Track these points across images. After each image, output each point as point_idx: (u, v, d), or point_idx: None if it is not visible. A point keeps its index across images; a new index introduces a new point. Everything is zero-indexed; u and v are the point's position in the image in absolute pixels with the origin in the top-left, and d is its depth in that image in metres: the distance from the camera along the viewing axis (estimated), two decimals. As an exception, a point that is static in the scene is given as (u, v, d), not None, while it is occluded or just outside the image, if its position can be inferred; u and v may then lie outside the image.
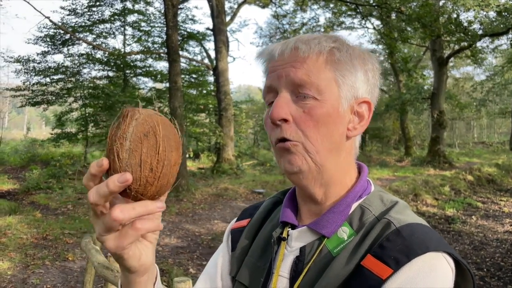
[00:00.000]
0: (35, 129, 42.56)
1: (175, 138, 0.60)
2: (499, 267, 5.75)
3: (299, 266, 0.77)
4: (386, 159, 20.84)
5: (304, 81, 0.74)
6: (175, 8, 11.26)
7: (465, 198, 10.72)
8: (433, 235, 0.71)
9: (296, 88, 0.75)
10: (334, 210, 0.78)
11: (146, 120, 0.57)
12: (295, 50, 0.76)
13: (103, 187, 0.55)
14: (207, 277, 0.95)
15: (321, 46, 0.76)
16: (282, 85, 0.76)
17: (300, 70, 0.75)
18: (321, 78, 0.75)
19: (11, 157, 15.46)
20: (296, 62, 0.75)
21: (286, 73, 0.75)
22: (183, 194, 10.44)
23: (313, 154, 0.75)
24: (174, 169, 0.59)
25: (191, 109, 18.70)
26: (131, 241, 0.59)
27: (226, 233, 0.99)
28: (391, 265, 0.66)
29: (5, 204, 8.13)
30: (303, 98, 0.75)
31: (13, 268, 5.29)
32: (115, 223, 0.56)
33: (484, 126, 41.29)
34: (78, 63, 16.98)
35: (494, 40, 18.17)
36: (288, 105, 0.75)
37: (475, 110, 25.19)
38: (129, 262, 0.63)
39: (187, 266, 5.69)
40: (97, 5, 16.56)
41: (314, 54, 0.76)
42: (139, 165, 0.55)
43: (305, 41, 0.76)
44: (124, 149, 0.55)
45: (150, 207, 0.58)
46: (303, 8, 20.19)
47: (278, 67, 0.77)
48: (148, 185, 0.57)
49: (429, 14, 13.13)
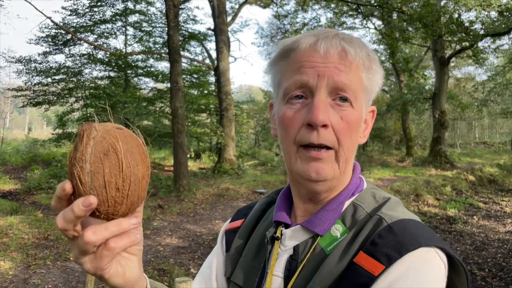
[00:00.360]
0: (37, 129, 42.65)
1: (139, 150, 0.57)
2: (500, 267, 5.74)
3: (293, 265, 0.77)
4: (387, 159, 20.83)
5: (347, 86, 0.72)
6: (177, 8, 11.26)
7: (466, 198, 10.70)
8: (425, 230, 0.70)
9: (335, 91, 0.73)
10: (327, 208, 0.77)
11: (104, 137, 0.54)
12: (343, 52, 0.73)
13: (69, 212, 0.53)
14: (202, 278, 0.95)
15: (363, 52, 0.75)
16: (323, 86, 0.72)
17: (344, 74, 0.72)
18: (357, 84, 0.74)
19: (13, 157, 15.48)
20: (342, 65, 0.73)
21: (329, 74, 0.72)
22: (184, 194, 10.45)
23: (341, 163, 0.74)
24: (143, 183, 0.57)
25: (192, 109, 18.70)
26: (108, 261, 0.58)
27: (220, 234, 0.99)
28: (383, 262, 0.66)
29: (6, 204, 8.14)
30: (340, 102, 0.73)
31: (15, 268, 5.30)
32: (89, 245, 0.54)
33: (485, 126, 41.20)
34: (79, 63, 17.03)
35: (495, 40, 18.14)
36: (328, 109, 0.72)
37: (477, 110, 25.11)
38: (112, 280, 0.61)
39: (188, 266, 5.69)
40: (98, 5, 16.59)
41: (360, 60, 0.74)
42: (104, 187, 0.53)
43: (350, 43, 0.74)
44: (85, 172, 0.52)
45: (124, 225, 0.57)
46: (304, 8, 20.18)
47: (319, 65, 0.73)
48: (117, 205, 0.54)
49: (430, 14, 13.11)
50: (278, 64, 0.80)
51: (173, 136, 11.13)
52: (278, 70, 0.80)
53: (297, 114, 0.74)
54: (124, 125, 0.60)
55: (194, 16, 26.24)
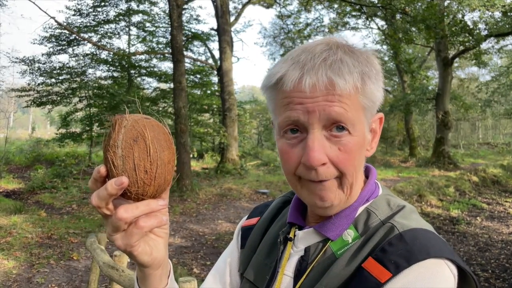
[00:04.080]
0: (40, 129, 42.75)
1: (165, 138, 0.63)
2: (504, 268, 5.72)
3: (303, 265, 0.78)
4: (390, 159, 20.79)
5: (341, 116, 0.69)
6: (180, 9, 11.28)
7: (469, 199, 10.67)
8: (437, 241, 0.70)
9: (329, 123, 0.70)
10: (340, 215, 0.78)
11: (133, 126, 0.61)
12: (330, 85, 0.68)
13: (103, 191, 0.59)
14: (216, 272, 0.97)
15: (354, 77, 0.69)
16: (315, 122, 0.69)
17: (337, 105, 0.69)
18: (354, 110, 0.71)
19: (16, 156, 15.55)
20: (331, 96, 0.69)
21: (320, 109, 0.69)
22: (187, 194, 10.46)
23: (346, 189, 0.74)
24: (169, 167, 0.63)
25: (195, 109, 18.74)
26: (137, 238, 0.63)
27: (237, 230, 1.02)
28: (390, 269, 0.66)
29: (10, 203, 8.18)
30: (336, 132, 0.70)
31: (18, 267, 5.32)
32: (121, 222, 0.60)
33: (489, 127, 41.08)
34: (83, 63, 17.08)
35: (499, 41, 18.08)
36: (324, 145, 0.70)
37: (480, 110, 25.01)
38: (140, 258, 0.66)
39: (191, 266, 5.70)
40: (102, 5, 16.64)
41: (353, 85, 0.69)
42: (134, 170, 0.59)
43: (338, 73, 0.69)
44: (117, 156, 0.59)
45: (153, 205, 0.62)
46: (308, 8, 20.18)
47: (307, 101, 0.69)
48: (146, 186, 0.61)
49: (434, 15, 13.08)
50: (268, 92, 0.77)
51: (176, 136, 11.15)
52: (269, 98, 0.78)
53: (294, 150, 0.73)
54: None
55: (197, 16, 26.25)
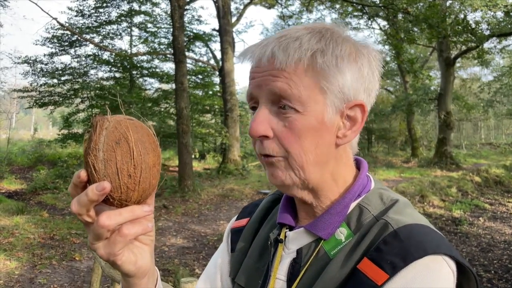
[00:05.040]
0: (42, 130, 42.85)
1: (150, 140, 0.59)
2: (506, 269, 5.71)
3: (295, 268, 0.75)
4: (392, 160, 20.76)
5: (284, 92, 0.68)
6: (182, 9, 11.30)
7: (472, 199, 10.64)
8: (433, 236, 0.67)
9: (276, 99, 0.69)
10: (331, 212, 0.74)
11: (115, 127, 0.57)
12: (272, 58, 0.68)
13: (83, 197, 0.56)
14: (207, 277, 0.94)
15: (301, 52, 0.67)
16: (263, 96, 0.70)
17: (279, 80, 0.68)
18: (302, 88, 0.68)
19: (19, 157, 15.57)
20: (274, 71, 0.68)
21: (265, 83, 0.69)
22: (189, 194, 10.47)
23: (296, 170, 0.71)
24: (154, 171, 0.59)
25: (197, 109, 18.75)
26: (121, 247, 0.59)
27: (226, 232, 0.97)
28: (387, 270, 0.63)
29: (12, 204, 8.19)
30: (284, 109, 0.69)
31: (21, 267, 5.33)
32: (103, 229, 0.56)
33: (491, 127, 40.98)
34: (85, 64, 17.11)
35: (501, 41, 18.01)
36: (268, 119, 0.70)
37: (483, 111, 24.98)
38: (125, 267, 0.63)
39: (193, 266, 5.70)
40: (104, 6, 16.67)
41: (293, 62, 0.67)
42: (117, 174, 0.56)
43: (283, 47, 0.68)
44: (98, 160, 0.56)
45: (137, 211, 0.58)
46: (309, 9, 20.16)
47: (257, 75, 0.71)
48: (130, 191, 0.57)
49: (436, 15, 13.05)
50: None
51: (178, 137, 11.17)
52: None
53: None
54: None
55: (199, 16, 26.24)
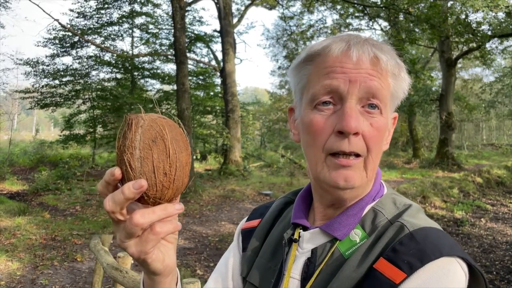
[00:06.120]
0: (44, 131, 42.94)
1: (183, 139, 0.60)
2: (508, 270, 5.69)
3: (310, 268, 0.77)
4: (394, 161, 20.75)
5: (377, 91, 0.72)
6: (183, 10, 11.30)
7: (474, 200, 10.62)
8: (447, 240, 0.70)
9: (366, 97, 0.72)
10: (347, 213, 0.77)
11: (151, 125, 0.57)
12: (375, 59, 0.73)
13: (119, 195, 0.55)
14: (218, 276, 0.95)
15: (394, 60, 0.74)
16: (354, 92, 0.71)
17: (377, 80, 0.72)
18: (387, 91, 0.74)
19: (20, 158, 15.61)
20: (374, 71, 0.72)
21: (361, 80, 0.71)
22: (190, 195, 10.47)
23: (370, 170, 0.74)
24: (187, 169, 0.60)
25: (198, 110, 18.77)
26: (153, 245, 0.60)
27: (237, 233, 0.99)
28: (404, 269, 0.65)
29: (14, 205, 8.20)
30: (370, 109, 0.73)
31: (22, 268, 5.34)
32: (137, 228, 0.56)
33: (493, 128, 40.89)
34: (86, 65, 17.15)
35: (503, 41, 17.98)
36: (359, 116, 0.72)
37: (484, 111, 24.94)
38: (153, 265, 0.63)
39: (195, 267, 5.70)
40: (105, 7, 16.71)
41: (390, 67, 0.74)
42: (153, 172, 0.56)
43: (381, 50, 0.74)
44: (135, 158, 0.56)
45: (170, 209, 0.59)
46: (310, 9, 20.18)
47: (351, 71, 0.72)
48: (165, 189, 0.57)
49: (437, 15, 13.05)
50: (304, 68, 0.78)
51: (179, 138, 11.15)
52: (303, 74, 0.78)
53: (327, 121, 0.73)
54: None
55: (200, 17, 26.35)
